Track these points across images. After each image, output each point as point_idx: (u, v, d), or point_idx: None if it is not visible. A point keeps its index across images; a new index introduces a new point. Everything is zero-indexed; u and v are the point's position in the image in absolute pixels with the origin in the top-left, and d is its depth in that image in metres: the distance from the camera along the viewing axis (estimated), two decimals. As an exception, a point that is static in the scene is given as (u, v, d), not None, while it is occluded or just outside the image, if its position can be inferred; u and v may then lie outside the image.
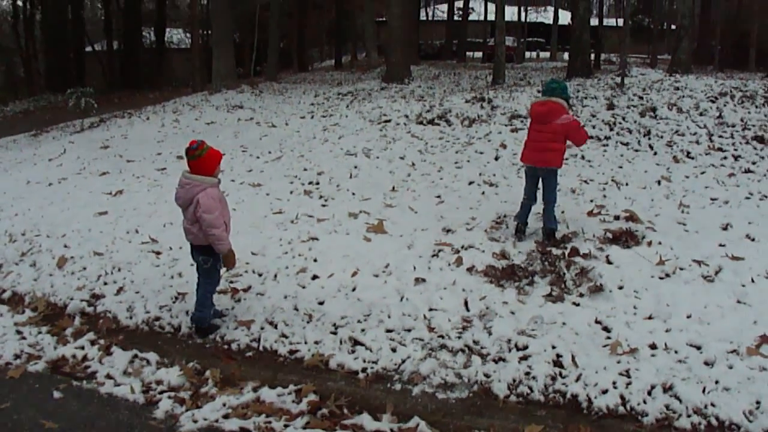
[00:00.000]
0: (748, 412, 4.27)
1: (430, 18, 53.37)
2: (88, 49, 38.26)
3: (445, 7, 47.07)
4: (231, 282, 6.30)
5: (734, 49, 31.92)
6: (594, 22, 29.71)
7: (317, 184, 9.64)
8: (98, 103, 18.37)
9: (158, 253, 7.13)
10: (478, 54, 45.64)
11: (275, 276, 6.44)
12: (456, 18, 43.77)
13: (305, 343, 5.28)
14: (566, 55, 33.57)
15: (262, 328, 5.52)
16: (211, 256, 5.39)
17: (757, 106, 12.28)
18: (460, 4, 43.85)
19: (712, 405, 4.34)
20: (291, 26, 38.65)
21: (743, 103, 12.54)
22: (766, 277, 6.09)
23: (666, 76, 16.39)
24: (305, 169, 10.38)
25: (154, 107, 20.01)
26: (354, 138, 12.26)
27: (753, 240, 7.12)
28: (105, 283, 6.51)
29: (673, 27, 32.22)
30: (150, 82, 34.68)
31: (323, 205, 8.63)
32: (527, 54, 45.88)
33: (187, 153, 5.29)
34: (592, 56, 25.32)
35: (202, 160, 5.25)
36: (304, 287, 6.16)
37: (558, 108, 6.98)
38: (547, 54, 47.34)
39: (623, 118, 12.10)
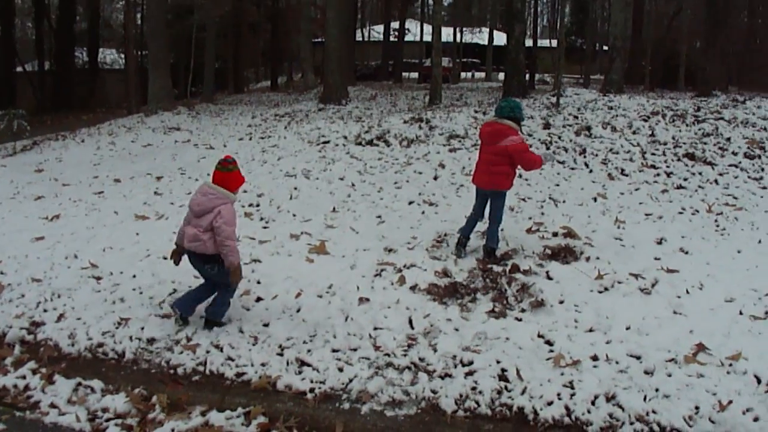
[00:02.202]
0: (688, 418, 4.43)
1: (366, 39, 53.65)
2: (19, 69, 37.29)
3: (381, 28, 47.38)
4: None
5: (664, 70, 32.85)
6: (529, 42, 30.33)
7: (257, 206, 9.65)
8: (30, 125, 17.93)
9: (99, 278, 7.02)
10: (414, 74, 46.05)
11: (218, 298, 6.42)
12: (392, 39, 44.09)
13: (252, 365, 5.26)
14: (501, 75, 34.16)
15: (207, 352, 5.47)
16: (216, 263, 5.61)
17: (687, 125, 12.73)
18: (396, 25, 44.21)
19: (654, 412, 4.50)
20: (226, 47, 38.48)
21: (674, 122, 12.99)
22: (700, 289, 6.39)
23: (600, 95, 16.85)
24: (245, 191, 10.34)
25: (89, 129, 19.68)
26: (293, 159, 12.29)
27: (686, 253, 7.43)
28: (45, 310, 6.35)
29: (605, 48, 33.11)
30: (83, 104, 33.95)
31: (264, 227, 8.64)
32: (463, 74, 46.53)
33: (221, 163, 5.66)
34: (527, 76, 25.80)
35: (231, 174, 5.63)
36: (248, 309, 6.17)
37: (504, 129, 7.05)
38: (483, 74, 48.04)
39: (559, 137, 12.40)
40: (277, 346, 5.51)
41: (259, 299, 6.37)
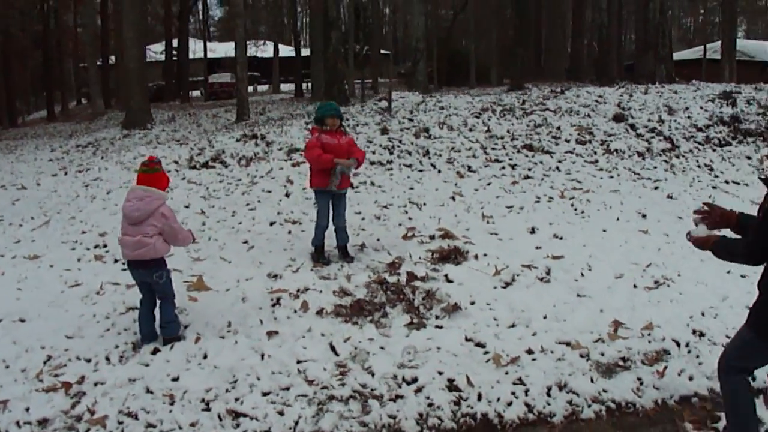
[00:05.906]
0: (636, 389, 4.72)
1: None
2: None
3: (159, 46, 45.99)
4: (56, 375, 5.41)
5: (450, 67, 34.20)
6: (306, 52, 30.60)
7: (105, 246, 8.75)
8: None
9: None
10: (197, 92, 45.33)
11: (107, 358, 5.64)
12: (173, 58, 42.88)
13: (180, 428, 4.63)
14: (285, 87, 34.15)
15: (120, 422, 4.69)
16: (163, 270, 5.68)
17: (517, 118, 13.27)
18: (175, 42, 43.05)
19: (605, 391, 4.71)
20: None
21: (505, 116, 13.49)
22: (590, 270, 6.80)
23: (427, 97, 17.14)
24: (84, 232, 9.42)
25: None
26: (124, 191, 11.37)
27: (561, 238, 7.80)
28: None
29: (383, 52, 33.89)
30: None
31: (124, 269, 7.77)
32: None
33: (148, 165, 5.62)
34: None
35: (157, 175, 5.59)
36: (147, 365, 5.46)
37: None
38: (266, 87, 48.21)
39: (400, 141, 12.42)
40: (199, 400, 4.90)
41: (156, 351, 5.68)
